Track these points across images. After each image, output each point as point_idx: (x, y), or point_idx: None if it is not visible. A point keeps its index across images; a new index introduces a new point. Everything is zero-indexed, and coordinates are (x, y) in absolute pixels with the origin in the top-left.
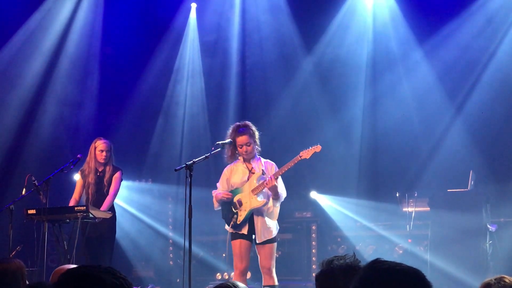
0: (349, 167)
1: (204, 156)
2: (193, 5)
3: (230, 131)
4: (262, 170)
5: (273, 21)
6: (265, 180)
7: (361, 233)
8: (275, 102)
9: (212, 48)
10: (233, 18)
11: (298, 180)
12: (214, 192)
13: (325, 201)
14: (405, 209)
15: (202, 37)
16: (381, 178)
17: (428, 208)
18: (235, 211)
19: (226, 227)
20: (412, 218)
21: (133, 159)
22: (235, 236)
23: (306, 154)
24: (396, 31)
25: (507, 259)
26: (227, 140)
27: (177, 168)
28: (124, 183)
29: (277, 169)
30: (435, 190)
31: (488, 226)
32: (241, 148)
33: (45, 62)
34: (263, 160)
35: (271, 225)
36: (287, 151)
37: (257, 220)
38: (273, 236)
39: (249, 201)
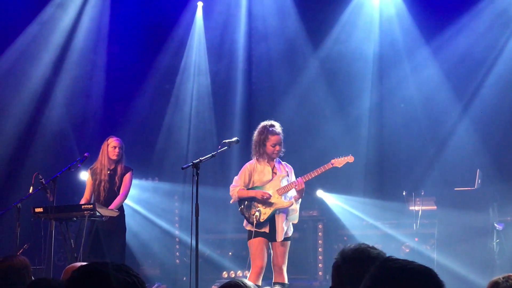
0: (356, 166)
1: (210, 154)
2: (200, 4)
3: (260, 129)
4: (287, 171)
5: (279, 19)
6: (293, 182)
7: (367, 231)
8: (281, 100)
9: (218, 46)
10: (239, 17)
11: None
12: (233, 187)
13: (331, 200)
14: (411, 208)
15: (208, 35)
16: (388, 177)
17: (435, 207)
18: (258, 209)
19: (245, 224)
20: (419, 217)
21: (140, 157)
22: (256, 234)
23: (338, 162)
24: (403, 29)
25: None
26: (234, 139)
27: (184, 167)
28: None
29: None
30: (442, 188)
31: (495, 224)
32: (273, 147)
33: (52, 62)
34: (283, 162)
35: (290, 225)
36: (293, 150)
37: (279, 219)
38: (291, 235)
39: (275, 200)
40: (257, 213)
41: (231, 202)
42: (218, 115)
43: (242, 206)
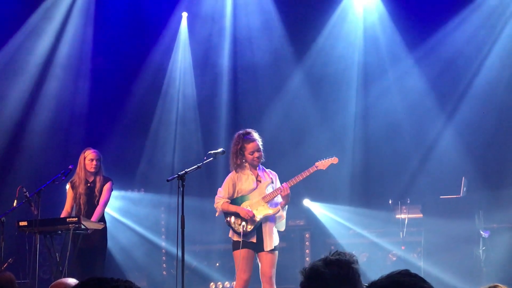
0: (342, 175)
1: (196, 166)
2: (184, 14)
3: (235, 140)
4: (271, 178)
5: (264, 29)
6: (279, 188)
7: (354, 240)
8: (267, 111)
9: (204, 57)
10: (224, 26)
11: (291, 188)
12: (218, 199)
13: (318, 209)
14: (398, 216)
15: (193, 45)
16: (374, 185)
17: (421, 215)
18: (244, 218)
19: (231, 235)
20: (405, 225)
21: (125, 168)
22: (242, 244)
23: (322, 165)
24: (387, 39)
25: (501, 265)
26: (220, 150)
27: (169, 179)
28: (116, 193)
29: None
30: (428, 196)
31: (481, 232)
32: (252, 154)
33: (36, 73)
34: (266, 169)
35: (277, 234)
36: (279, 160)
37: (266, 227)
38: (277, 244)
39: (260, 208)
40: (243, 223)
41: (216, 215)
42: (204, 125)
43: (228, 217)
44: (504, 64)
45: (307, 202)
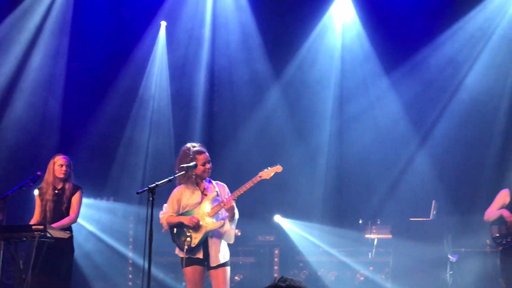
0: (314, 193)
1: (167, 179)
2: (163, 23)
3: (184, 151)
4: (217, 191)
5: (244, 43)
6: (222, 201)
7: (323, 258)
8: (242, 126)
9: (181, 68)
10: (203, 38)
11: (262, 204)
12: (162, 214)
13: (288, 226)
14: (367, 236)
15: (171, 55)
16: (346, 205)
17: (391, 236)
18: (188, 234)
19: (178, 251)
20: (375, 246)
21: (96, 176)
22: (189, 261)
23: (266, 174)
24: (365, 60)
25: None
26: (192, 164)
27: (139, 191)
28: (85, 200)
29: (228, 191)
30: (398, 218)
31: (449, 256)
32: (203, 165)
33: (8, 78)
34: (214, 182)
35: (226, 248)
36: (252, 175)
37: (212, 243)
38: (228, 259)
39: (204, 223)
40: (188, 238)
41: (163, 231)
42: (178, 137)
43: (173, 233)
44: (479, 88)
45: (278, 218)
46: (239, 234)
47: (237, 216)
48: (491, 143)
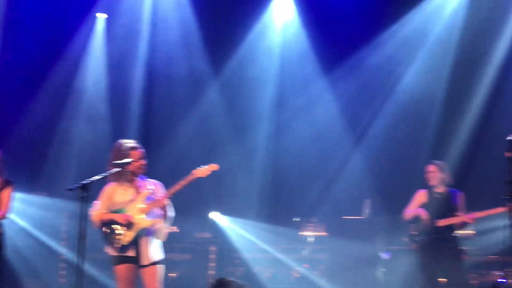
0: (251, 190)
1: (101, 176)
2: (100, 16)
3: (117, 148)
4: (151, 189)
5: (183, 38)
6: (155, 199)
7: (259, 255)
8: (180, 124)
9: (118, 62)
10: (141, 33)
11: (199, 201)
12: (93, 211)
13: (225, 222)
14: (302, 233)
15: (108, 50)
16: (282, 203)
17: (326, 234)
18: (120, 232)
19: (109, 249)
20: (311, 243)
21: (29, 170)
22: (120, 259)
23: (200, 172)
24: (304, 60)
25: (400, 287)
26: (127, 160)
27: (71, 188)
28: (17, 195)
29: (164, 189)
30: (333, 217)
31: (381, 254)
32: (138, 162)
33: None
34: (149, 180)
35: (159, 246)
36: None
37: (144, 241)
38: (161, 257)
39: (138, 220)
40: (120, 236)
41: (96, 228)
42: (114, 131)
43: (104, 231)
44: (415, 89)
45: (214, 215)
46: (178, 230)
47: (171, 214)
48: (423, 143)
